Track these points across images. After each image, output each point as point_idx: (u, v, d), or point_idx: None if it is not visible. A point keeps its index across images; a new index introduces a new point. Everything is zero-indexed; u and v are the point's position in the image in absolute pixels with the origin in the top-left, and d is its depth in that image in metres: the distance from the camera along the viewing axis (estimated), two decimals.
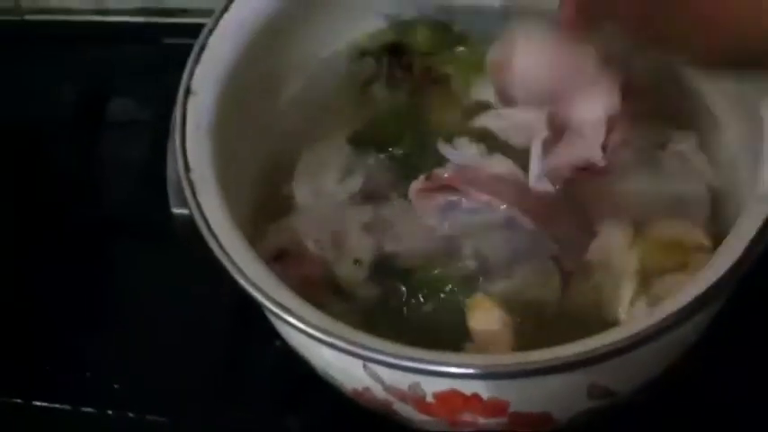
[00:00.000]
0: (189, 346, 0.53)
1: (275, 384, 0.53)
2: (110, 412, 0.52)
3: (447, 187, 0.47)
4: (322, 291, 0.47)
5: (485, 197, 0.47)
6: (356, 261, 0.47)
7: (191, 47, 0.47)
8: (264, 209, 0.49)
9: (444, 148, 0.50)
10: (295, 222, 0.49)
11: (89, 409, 0.53)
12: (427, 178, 0.48)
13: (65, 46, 0.70)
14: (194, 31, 0.47)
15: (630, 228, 0.46)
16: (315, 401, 0.50)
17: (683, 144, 0.49)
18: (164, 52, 0.67)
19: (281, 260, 0.47)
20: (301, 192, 0.50)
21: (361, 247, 0.48)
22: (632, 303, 0.44)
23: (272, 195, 0.50)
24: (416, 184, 0.48)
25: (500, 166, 0.49)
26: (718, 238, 0.42)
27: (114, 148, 0.63)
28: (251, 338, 0.53)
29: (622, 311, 0.44)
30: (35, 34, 0.73)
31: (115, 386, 0.53)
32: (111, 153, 0.63)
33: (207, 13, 0.72)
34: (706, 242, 0.44)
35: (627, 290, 0.44)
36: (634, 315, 0.43)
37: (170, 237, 0.44)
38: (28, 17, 0.75)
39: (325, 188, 0.50)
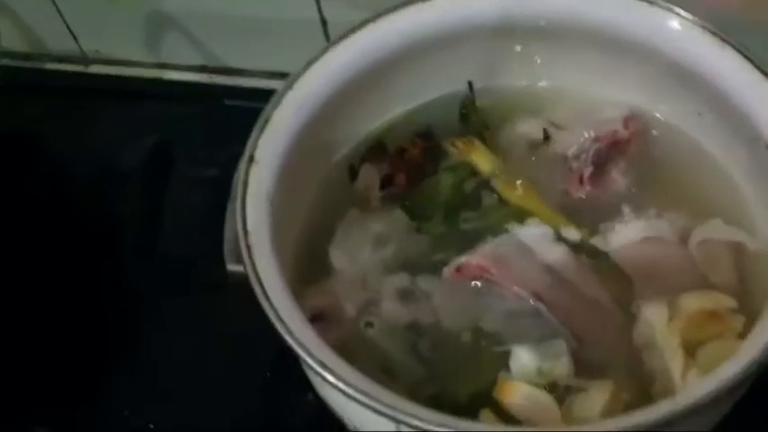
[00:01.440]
0: (228, 394, 0.56)
1: None
2: None
3: (479, 274, 0.50)
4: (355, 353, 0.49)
5: (514, 288, 0.49)
6: (368, 324, 0.50)
7: (248, 109, 0.50)
8: (304, 272, 0.52)
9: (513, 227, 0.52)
10: (332, 285, 0.51)
11: None
12: (458, 270, 0.50)
13: (128, 101, 0.73)
14: (252, 95, 0.50)
15: (665, 305, 0.47)
16: None
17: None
18: (225, 113, 0.70)
19: (317, 321, 0.49)
20: (337, 256, 0.52)
21: (395, 314, 0.51)
22: (683, 377, 0.45)
23: (312, 258, 0.53)
24: (448, 271, 0.50)
25: (552, 252, 0.51)
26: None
27: (175, 205, 0.66)
28: (288, 390, 0.55)
29: (677, 386, 0.45)
30: (98, 86, 0.77)
31: (150, 426, 0.56)
32: (173, 209, 0.66)
33: (263, 74, 0.77)
34: (735, 305, 0.46)
35: (677, 363, 0.45)
36: (689, 385, 0.44)
37: (222, 291, 0.47)
38: (92, 68, 0.80)
39: (360, 254, 0.52)
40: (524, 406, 0.46)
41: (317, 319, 0.50)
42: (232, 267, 0.46)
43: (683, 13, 0.50)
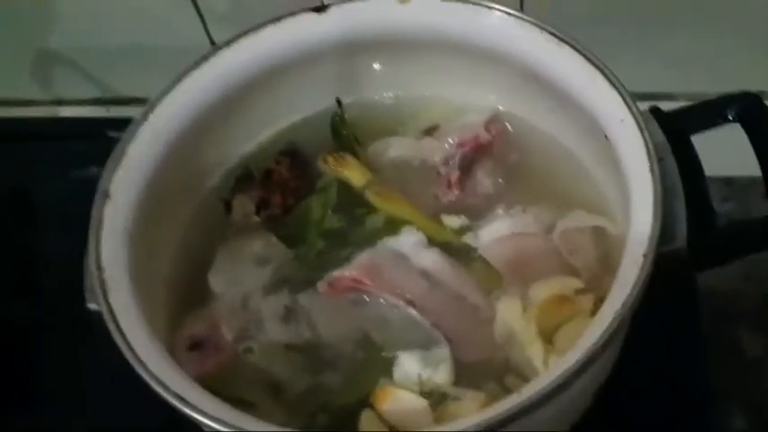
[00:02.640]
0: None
1: None
2: None
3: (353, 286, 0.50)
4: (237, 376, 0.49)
5: (385, 296, 0.50)
6: (247, 350, 0.50)
7: None
8: (184, 301, 0.52)
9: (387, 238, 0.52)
10: (211, 311, 0.51)
11: None
12: (330, 285, 0.51)
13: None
14: None
15: (517, 298, 0.49)
16: None
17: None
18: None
19: (197, 349, 0.50)
20: (217, 281, 0.52)
21: (279, 334, 0.51)
22: (545, 365, 0.47)
23: (191, 287, 0.53)
24: (322, 286, 0.51)
25: (426, 257, 0.52)
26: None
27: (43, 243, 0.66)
28: None
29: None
30: None
31: None
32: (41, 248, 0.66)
33: None
34: (582, 285, 0.49)
35: (536, 352, 0.47)
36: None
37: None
38: None
39: (240, 278, 0.52)
40: (398, 411, 0.47)
41: (196, 347, 0.50)
42: (92, 306, 0.46)
43: (515, 12, 0.52)
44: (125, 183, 0.49)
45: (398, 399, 0.47)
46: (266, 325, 0.51)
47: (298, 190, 0.57)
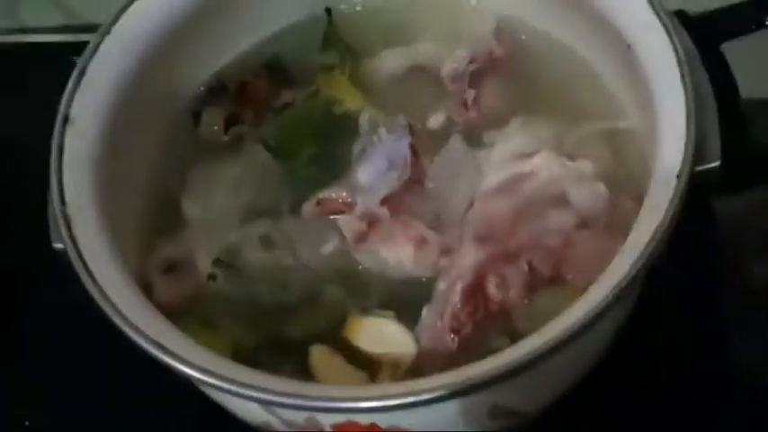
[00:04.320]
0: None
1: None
2: None
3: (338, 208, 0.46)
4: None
5: None
6: (210, 276, 0.46)
7: None
8: (159, 226, 0.48)
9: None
10: (186, 235, 0.47)
11: None
12: (318, 203, 0.47)
13: None
14: None
15: None
16: None
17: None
18: None
19: (172, 272, 0.46)
20: (191, 207, 0.48)
21: (258, 261, 0.47)
22: None
23: (165, 212, 0.49)
24: (308, 207, 0.47)
25: None
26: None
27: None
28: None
29: None
30: None
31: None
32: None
33: None
34: None
35: None
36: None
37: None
38: None
39: (216, 202, 0.48)
40: (376, 339, 0.43)
41: (171, 269, 0.47)
42: (57, 245, 0.41)
43: None
44: (88, 105, 0.45)
45: (376, 326, 0.44)
46: (244, 251, 0.47)
47: (269, 105, 0.52)
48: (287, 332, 0.44)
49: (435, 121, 0.50)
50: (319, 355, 0.43)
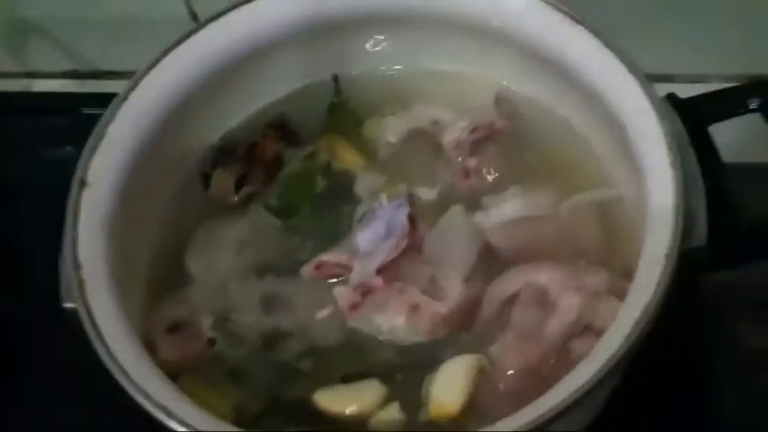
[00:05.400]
0: None
1: None
2: None
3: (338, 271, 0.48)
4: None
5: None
6: (210, 341, 0.47)
7: None
8: (164, 282, 0.49)
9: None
10: (189, 294, 0.48)
11: None
12: (316, 267, 0.48)
13: None
14: None
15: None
16: None
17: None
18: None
19: (175, 332, 0.47)
20: (193, 264, 0.49)
21: (256, 324, 0.48)
22: None
23: (170, 269, 0.50)
24: (306, 270, 0.48)
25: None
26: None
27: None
28: None
29: None
30: None
31: None
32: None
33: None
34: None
35: None
36: None
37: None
38: None
39: (220, 261, 0.50)
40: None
41: (175, 329, 0.47)
42: (68, 305, 0.42)
43: None
44: (104, 168, 0.46)
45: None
46: (244, 313, 0.48)
47: (281, 165, 0.53)
48: (288, 394, 0.45)
49: (433, 192, 0.51)
50: None
